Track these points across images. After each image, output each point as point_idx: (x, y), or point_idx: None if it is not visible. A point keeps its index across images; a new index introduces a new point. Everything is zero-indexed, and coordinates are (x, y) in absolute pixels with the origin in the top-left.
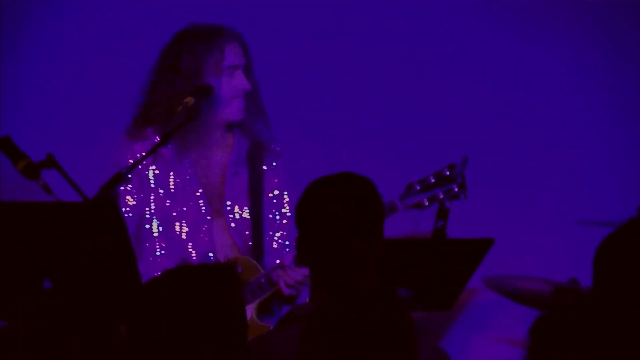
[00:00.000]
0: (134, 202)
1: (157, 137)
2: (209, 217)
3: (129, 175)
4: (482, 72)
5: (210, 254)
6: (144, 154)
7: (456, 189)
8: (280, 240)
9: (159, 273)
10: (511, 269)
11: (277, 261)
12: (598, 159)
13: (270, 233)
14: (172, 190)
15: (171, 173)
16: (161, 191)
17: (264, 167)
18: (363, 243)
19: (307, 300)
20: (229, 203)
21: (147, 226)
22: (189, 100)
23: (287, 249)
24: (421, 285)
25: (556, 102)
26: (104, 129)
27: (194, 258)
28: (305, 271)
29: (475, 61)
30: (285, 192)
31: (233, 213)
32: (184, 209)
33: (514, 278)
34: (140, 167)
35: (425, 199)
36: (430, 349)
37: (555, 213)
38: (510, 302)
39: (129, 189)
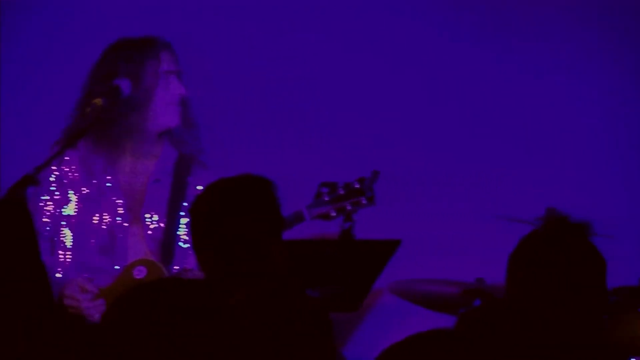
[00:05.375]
0: (53, 206)
1: (90, 146)
2: (126, 224)
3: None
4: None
5: (117, 267)
6: (73, 165)
7: (364, 202)
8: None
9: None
10: (417, 268)
11: (176, 268)
12: (505, 159)
13: (182, 240)
14: (91, 196)
15: (92, 179)
16: (79, 195)
17: (190, 178)
18: (246, 244)
19: None
20: (147, 211)
21: (63, 229)
22: (98, 101)
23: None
24: (328, 285)
25: (472, 98)
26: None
27: (104, 263)
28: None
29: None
30: None
31: (150, 220)
32: (102, 214)
33: (420, 282)
34: (65, 172)
35: (332, 210)
36: None
37: (462, 211)
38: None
39: (52, 189)
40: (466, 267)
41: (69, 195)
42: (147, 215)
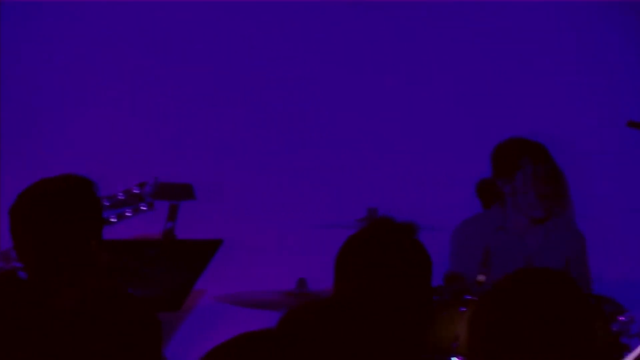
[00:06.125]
0: None
1: None
2: None
3: None
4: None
5: None
6: None
7: (144, 207)
8: None
9: None
10: (241, 268)
11: None
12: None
13: None
14: None
15: None
16: None
17: None
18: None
19: None
20: None
21: None
22: None
23: None
24: (150, 285)
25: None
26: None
27: None
28: None
29: None
30: None
31: None
32: None
33: (245, 294)
34: None
35: (112, 216)
36: None
37: (288, 214)
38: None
39: None
40: (289, 268)
41: None
42: None
